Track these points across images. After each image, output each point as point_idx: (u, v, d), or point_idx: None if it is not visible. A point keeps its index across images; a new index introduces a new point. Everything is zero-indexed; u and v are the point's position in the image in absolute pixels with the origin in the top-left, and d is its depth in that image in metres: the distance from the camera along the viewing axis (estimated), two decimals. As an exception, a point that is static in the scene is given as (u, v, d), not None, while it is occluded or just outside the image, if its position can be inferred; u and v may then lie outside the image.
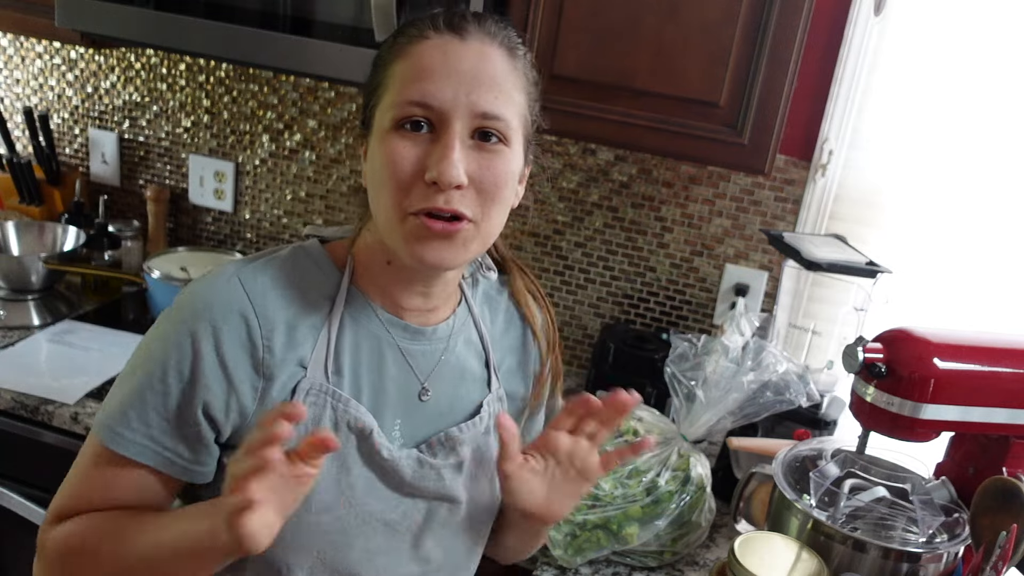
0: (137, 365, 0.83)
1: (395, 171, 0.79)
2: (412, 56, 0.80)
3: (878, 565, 1.10)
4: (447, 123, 0.79)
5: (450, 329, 0.94)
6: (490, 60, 0.80)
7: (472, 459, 0.94)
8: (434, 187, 0.78)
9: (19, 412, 1.53)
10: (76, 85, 2.14)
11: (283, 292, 0.84)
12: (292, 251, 0.89)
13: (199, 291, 0.83)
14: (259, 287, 0.83)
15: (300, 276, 0.87)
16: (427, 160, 0.79)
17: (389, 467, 0.87)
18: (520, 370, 1.03)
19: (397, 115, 0.79)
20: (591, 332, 1.97)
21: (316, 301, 0.86)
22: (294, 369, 0.83)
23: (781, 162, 1.74)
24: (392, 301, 0.89)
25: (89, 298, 1.95)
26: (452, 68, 0.79)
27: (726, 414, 1.33)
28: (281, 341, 0.83)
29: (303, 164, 2.05)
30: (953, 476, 1.21)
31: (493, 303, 1.01)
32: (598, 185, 1.86)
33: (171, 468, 0.82)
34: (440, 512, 0.92)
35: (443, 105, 0.78)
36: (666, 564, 1.33)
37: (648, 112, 1.46)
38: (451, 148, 0.78)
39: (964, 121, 1.62)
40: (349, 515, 0.85)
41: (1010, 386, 1.14)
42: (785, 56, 1.37)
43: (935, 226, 1.68)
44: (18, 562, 1.67)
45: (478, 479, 0.95)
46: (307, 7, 1.49)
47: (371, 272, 0.89)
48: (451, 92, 0.78)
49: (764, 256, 1.82)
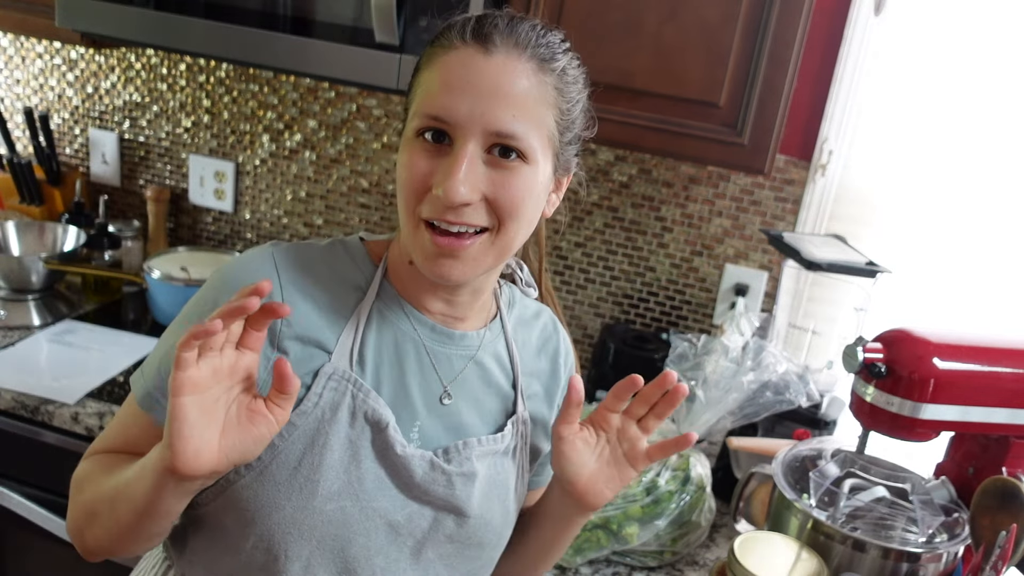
0: (172, 330, 0.87)
1: (410, 179, 0.81)
2: (438, 66, 0.80)
3: (878, 565, 1.10)
4: (460, 139, 0.79)
5: (480, 339, 0.94)
6: (512, 75, 0.79)
7: (486, 476, 0.93)
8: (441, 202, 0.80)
9: (19, 412, 1.53)
10: (76, 85, 2.14)
11: (313, 274, 0.86)
12: (331, 241, 0.92)
13: (233, 263, 0.87)
14: (290, 264, 0.86)
15: (334, 264, 0.89)
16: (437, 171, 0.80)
17: (401, 464, 0.87)
18: (547, 398, 1.02)
19: (418, 125, 0.80)
20: (591, 332, 1.97)
21: (346, 290, 0.88)
22: (312, 351, 0.84)
23: (781, 162, 1.74)
24: (417, 299, 0.90)
25: (89, 298, 1.95)
26: (471, 84, 0.78)
27: (726, 414, 1.33)
28: (300, 319, 0.84)
29: (303, 164, 2.05)
30: (953, 476, 1.21)
31: (527, 327, 1.01)
32: (598, 185, 1.86)
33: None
34: (447, 523, 0.91)
35: (457, 121, 0.78)
36: (666, 564, 1.33)
37: (648, 112, 1.46)
38: (457, 166, 0.78)
39: (964, 121, 1.62)
40: (354, 508, 0.85)
41: (1010, 386, 1.14)
42: (785, 56, 1.38)
43: (935, 226, 1.68)
44: (18, 562, 1.67)
45: (490, 499, 0.94)
46: (307, 7, 1.49)
47: (401, 271, 0.90)
48: (466, 109, 0.78)
49: (764, 256, 1.82)
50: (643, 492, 1.29)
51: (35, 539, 1.60)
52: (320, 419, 0.83)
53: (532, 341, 1.01)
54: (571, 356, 1.06)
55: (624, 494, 1.29)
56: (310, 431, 0.83)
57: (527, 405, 0.99)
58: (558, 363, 1.03)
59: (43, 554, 1.63)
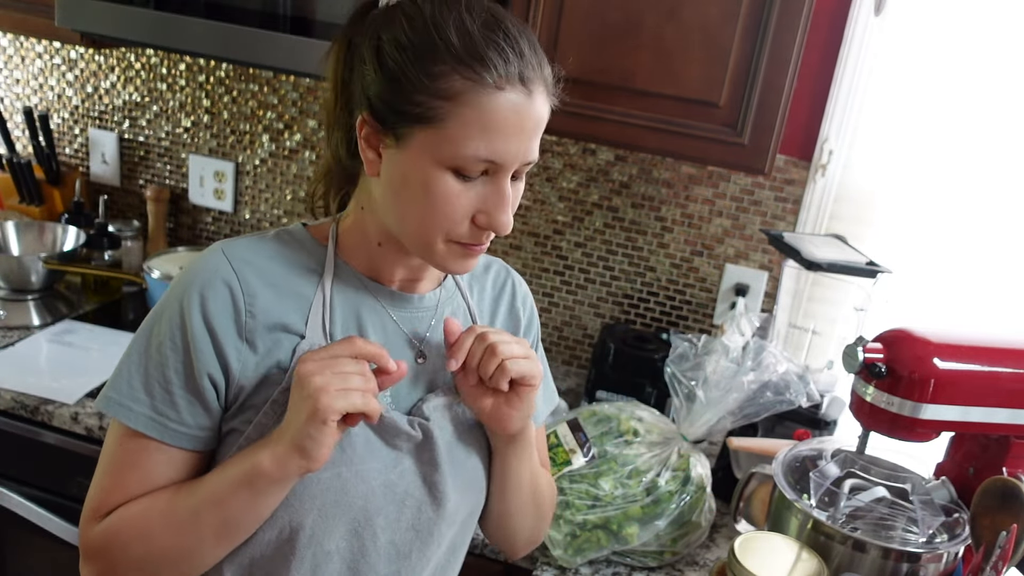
0: (137, 341, 0.88)
1: (449, 210, 0.83)
2: (485, 108, 0.79)
3: (878, 565, 1.10)
4: (503, 174, 0.83)
5: (437, 298, 0.98)
6: (544, 110, 0.84)
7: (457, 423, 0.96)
8: (483, 229, 0.85)
9: (19, 412, 1.53)
10: (76, 85, 2.14)
11: (266, 264, 0.89)
12: (277, 232, 0.94)
13: (188, 268, 0.88)
14: (242, 258, 0.88)
15: (285, 251, 0.91)
16: (479, 203, 0.83)
17: (387, 423, 0.90)
18: None
19: (462, 165, 0.81)
20: (591, 332, 1.97)
21: (302, 273, 0.90)
22: (280, 336, 0.87)
23: (781, 162, 1.74)
24: (377, 272, 0.93)
25: (89, 298, 1.95)
26: (522, 128, 0.82)
27: (726, 414, 1.33)
28: (264, 308, 0.86)
29: (303, 164, 2.05)
30: (953, 476, 1.21)
31: (480, 280, 1.06)
32: (598, 185, 1.86)
33: (179, 439, 0.86)
34: (431, 475, 0.94)
35: (507, 162, 0.82)
36: (666, 564, 1.33)
37: (648, 112, 1.46)
38: (507, 199, 0.84)
39: (964, 121, 1.62)
40: (349, 472, 0.88)
41: (1010, 386, 1.14)
42: (785, 56, 1.38)
43: (935, 226, 1.68)
44: (18, 562, 1.67)
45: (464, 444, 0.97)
46: (307, 7, 1.49)
47: (357, 247, 0.93)
48: (516, 150, 0.82)
49: (764, 256, 1.82)
50: (643, 492, 1.29)
51: (35, 539, 1.60)
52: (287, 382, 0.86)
53: (487, 290, 1.06)
54: (529, 297, 1.10)
55: (624, 494, 1.29)
56: None
57: None
58: (515, 306, 1.07)
59: (43, 554, 1.63)
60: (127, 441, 0.86)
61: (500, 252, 1.96)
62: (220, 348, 0.84)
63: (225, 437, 0.88)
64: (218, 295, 0.84)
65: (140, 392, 0.85)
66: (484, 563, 1.37)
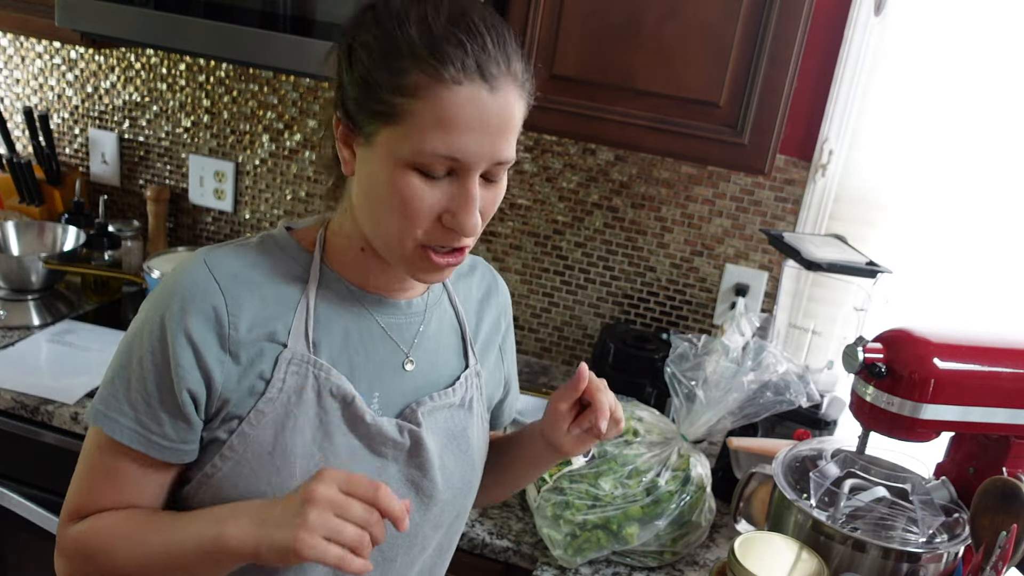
0: (121, 353, 0.88)
1: (411, 210, 0.81)
2: (442, 102, 0.78)
3: (878, 565, 1.10)
4: (469, 173, 0.81)
5: (424, 303, 0.98)
6: (512, 107, 0.81)
7: (445, 429, 0.97)
8: (450, 230, 0.82)
9: (19, 412, 1.53)
10: (76, 85, 2.14)
11: (250, 273, 0.88)
12: (261, 237, 0.93)
13: (170, 278, 0.87)
14: (225, 268, 0.86)
15: (268, 258, 0.90)
16: (446, 203, 0.81)
17: (374, 432, 0.90)
18: (497, 345, 1.08)
19: (421, 161, 0.79)
20: (591, 332, 1.97)
21: (287, 281, 0.89)
22: (264, 345, 0.86)
23: (781, 162, 1.74)
24: (363, 278, 0.93)
25: (89, 298, 1.95)
26: (482, 123, 0.79)
27: (726, 414, 1.33)
28: (248, 319, 0.85)
29: (303, 164, 2.05)
30: (953, 476, 1.21)
31: (466, 280, 1.06)
32: (598, 185, 1.86)
33: (162, 452, 0.86)
34: (420, 481, 0.95)
35: (469, 160, 0.79)
36: (666, 564, 1.33)
37: (648, 112, 1.46)
38: (472, 203, 0.81)
39: (964, 121, 1.62)
40: None
41: (1010, 386, 1.14)
42: (785, 56, 1.38)
43: (935, 226, 1.68)
44: (18, 562, 1.67)
45: (451, 450, 0.98)
46: (307, 7, 1.49)
47: (343, 253, 0.92)
48: (478, 147, 0.79)
49: (764, 256, 1.82)
50: (643, 492, 1.29)
51: (35, 539, 1.60)
52: (287, 403, 0.86)
53: (473, 292, 1.06)
54: (509, 305, 1.12)
55: (624, 494, 1.29)
56: (279, 416, 0.86)
57: (479, 356, 1.03)
58: (499, 313, 1.09)
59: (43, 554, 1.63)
60: (110, 449, 0.86)
61: (500, 252, 1.96)
62: (203, 362, 0.83)
63: (208, 446, 0.87)
64: (200, 309, 0.83)
65: (124, 405, 0.85)
66: (484, 563, 1.37)
